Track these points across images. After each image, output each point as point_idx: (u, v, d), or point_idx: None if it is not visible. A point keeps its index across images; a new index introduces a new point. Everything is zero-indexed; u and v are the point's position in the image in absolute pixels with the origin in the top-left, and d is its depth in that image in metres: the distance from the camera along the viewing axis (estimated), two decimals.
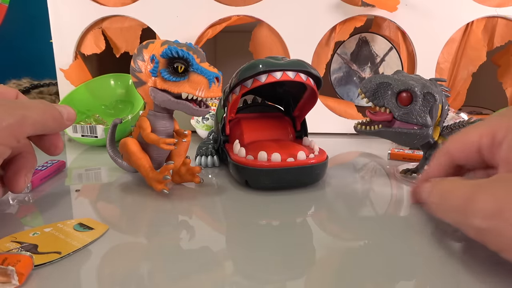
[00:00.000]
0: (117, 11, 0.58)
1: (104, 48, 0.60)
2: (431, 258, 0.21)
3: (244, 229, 0.25)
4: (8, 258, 0.19)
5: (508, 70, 0.59)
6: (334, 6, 0.55)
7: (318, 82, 0.35)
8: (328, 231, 0.25)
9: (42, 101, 0.25)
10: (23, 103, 0.24)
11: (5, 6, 0.79)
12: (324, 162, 0.33)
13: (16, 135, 0.22)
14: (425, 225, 0.26)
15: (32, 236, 0.23)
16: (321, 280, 0.19)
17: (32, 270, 0.19)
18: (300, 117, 0.39)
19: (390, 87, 0.31)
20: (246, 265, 0.20)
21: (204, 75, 0.29)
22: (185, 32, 0.57)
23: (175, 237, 0.24)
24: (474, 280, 0.19)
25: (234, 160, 0.33)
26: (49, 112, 0.24)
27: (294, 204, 0.30)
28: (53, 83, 0.68)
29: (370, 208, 0.29)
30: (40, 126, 0.24)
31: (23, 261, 0.19)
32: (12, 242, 0.22)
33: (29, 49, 0.91)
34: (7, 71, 0.72)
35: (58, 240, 0.22)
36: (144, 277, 0.19)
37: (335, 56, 0.65)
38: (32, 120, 0.23)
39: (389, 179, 0.36)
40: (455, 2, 0.54)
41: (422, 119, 0.31)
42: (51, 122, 0.25)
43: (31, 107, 0.23)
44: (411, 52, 0.58)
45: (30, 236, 0.23)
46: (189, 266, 0.20)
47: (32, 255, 0.19)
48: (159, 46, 0.29)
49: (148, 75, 0.30)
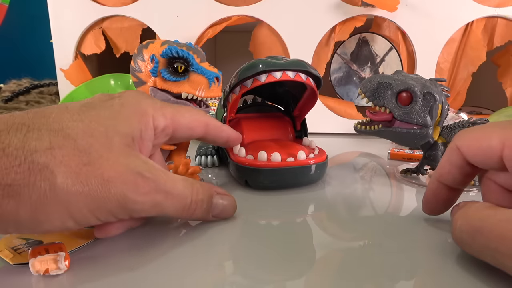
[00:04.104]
0: (117, 11, 0.58)
1: (104, 48, 0.60)
2: (431, 258, 0.21)
3: (244, 229, 0.25)
4: (49, 248, 0.19)
5: (508, 70, 0.59)
6: (334, 6, 0.55)
7: (318, 82, 0.35)
8: (328, 231, 0.25)
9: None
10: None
11: (5, 6, 0.79)
12: (324, 162, 0.33)
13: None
14: (425, 225, 0.26)
15: None
16: (321, 280, 0.19)
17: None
18: (300, 117, 0.39)
19: (390, 87, 0.31)
20: (246, 265, 0.20)
21: (204, 75, 0.29)
22: (185, 32, 0.57)
23: (174, 237, 0.24)
24: (474, 280, 0.19)
25: (234, 160, 0.32)
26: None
27: (294, 204, 0.30)
28: (53, 83, 0.68)
29: (370, 208, 0.29)
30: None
31: (63, 248, 0.20)
32: (18, 239, 0.22)
33: (29, 49, 0.91)
34: (7, 71, 0.72)
35: (63, 237, 0.22)
36: (144, 277, 0.19)
37: (335, 56, 0.65)
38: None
39: (389, 179, 0.36)
40: (455, 2, 0.54)
41: (422, 119, 0.31)
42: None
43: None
44: (411, 52, 0.58)
45: None
46: (189, 266, 0.20)
47: (62, 242, 0.20)
48: (159, 46, 0.29)
49: (148, 75, 0.30)
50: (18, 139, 0.17)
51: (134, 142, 0.21)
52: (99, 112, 0.20)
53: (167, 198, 0.21)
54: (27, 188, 0.17)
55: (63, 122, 0.19)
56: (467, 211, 0.20)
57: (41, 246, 0.20)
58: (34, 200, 0.17)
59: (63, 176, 0.17)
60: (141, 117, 0.21)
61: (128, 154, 0.20)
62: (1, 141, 0.17)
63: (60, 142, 0.18)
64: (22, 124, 0.18)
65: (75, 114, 0.19)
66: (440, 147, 0.33)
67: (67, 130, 0.18)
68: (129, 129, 0.20)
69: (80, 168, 0.18)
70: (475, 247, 0.19)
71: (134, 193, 0.19)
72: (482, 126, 0.22)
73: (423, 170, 0.36)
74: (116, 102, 0.21)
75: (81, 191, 0.18)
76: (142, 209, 0.20)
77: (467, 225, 0.19)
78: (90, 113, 0.20)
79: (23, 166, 0.17)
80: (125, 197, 0.19)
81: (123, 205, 0.19)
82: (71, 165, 0.18)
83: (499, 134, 0.20)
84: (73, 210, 0.18)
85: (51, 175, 0.17)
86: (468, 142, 0.21)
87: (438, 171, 0.24)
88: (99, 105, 0.21)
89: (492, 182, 0.22)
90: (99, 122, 0.20)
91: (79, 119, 0.19)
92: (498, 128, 0.20)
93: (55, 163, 0.17)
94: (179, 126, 0.24)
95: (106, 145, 0.19)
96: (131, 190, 0.19)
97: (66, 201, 0.17)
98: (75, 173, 0.18)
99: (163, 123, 0.23)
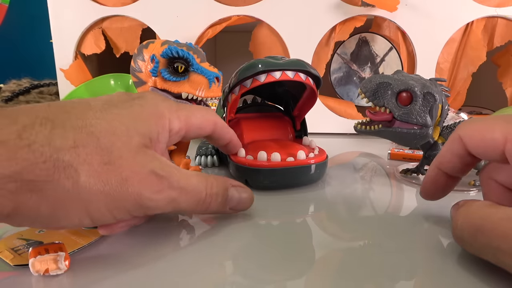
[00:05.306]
0: (117, 11, 0.58)
1: (104, 48, 0.60)
2: (431, 258, 0.21)
3: (244, 229, 0.25)
4: (49, 248, 0.19)
5: (508, 70, 0.59)
6: (334, 6, 0.55)
7: (317, 82, 0.35)
8: (328, 231, 0.25)
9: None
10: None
11: (5, 6, 0.79)
12: (324, 162, 0.33)
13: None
14: (425, 225, 0.26)
15: (38, 233, 0.23)
16: (321, 280, 0.19)
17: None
18: (299, 116, 0.39)
19: (390, 87, 0.31)
20: (246, 265, 0.20)
21: (204, 75, 0.29)
22: (185, 32, 0.57)
23: (175, 237, 0.24)
24: (474, 280, 0.19)
25: (234, 160, 0.32)
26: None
27: (294, 204, 0.30)
28: (53, 83, 0.68)
29: (370, 208, 0.29)
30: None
31: (63, 248, 0.20)
32: (18, 239, 0.22)
33: (29, 49, 0.91)
34: (7, 71, 0.72)
35: (63, 238, 0.22)
36: (144, 276, 0.19)
37: (335, 56, 0.65)
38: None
39: (389, 179, 0.36)
40: (455, 2, 0.54)
41: (422, 119, 0.31)
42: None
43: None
44: (411, 52, 0.58)
45: (36, 233, 0.23)
46: (189, 266, 0.20)
47: (62, 242, 0.20)
48: (159, 46, 0.29)
49: (148, 75, 0.30)
50: (44, 136, 0.17)
51: (152, 143, 0.21)
52: (121, 111, 0.21)
53: (182, 193, 0.21)
54: (51, 184, 0.17)
55: (86, 119, 0.19)
56: (467, 209, 0.20)
57: (41, 246, 0.20)
58: (57, 196, 0.17)
59: (86, 174, 0.18)
60: (159, 119, 0.22)
61: (145, 154, 0.20)
62: (26, 136, 0.17)
63: (84, 140, 0.18)
64: (46, 119, 0.18)
65: (97, 112, 0.20)
66: (440, 147, 0.33)
67: (91, 127, 0.19)
68: (148, 130, 0.21)
69: (101, 167, 0.18)
70: (476, 246, 0.19)
71: (149, 191, 0.20)
72: (485, 118, 0.22)
73: (423, 170, 0.35)
74: (136, 103, 0.22)
75: (102, 190, 0.18)
76: (157, 206, 0.20)
77: (468, 224, 0.20)
78: (112, 111, 0.20)
79: (48, 163, 0.17)
80: (141, 196, 0.19)
81: (140, 203, 0.20)
82: (93, 164, 0.18)
83: (502, 127, 0.20)
84: (92, 208, 0.18)
85: (75, 173, 0.17)
86: (471, 133, 0.22)
87: (439, 159, 0.24)
88: (120, 105, 0.21)
89: (493, 181, 0.22)
90: (121, 121, 0.20)
91: (102, 117, 0.20)
92: (501, 121, 0.20)
93: (79, 161, 0.18)
94: (191, 127, 0.24)
95: (126, 143, 0.19)
96: (147, 189, 0.20)
97: (86, 199, 0.18)
98: (97, 172, 0.18)
99: (178, 126, 0.23)
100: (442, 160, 0.24)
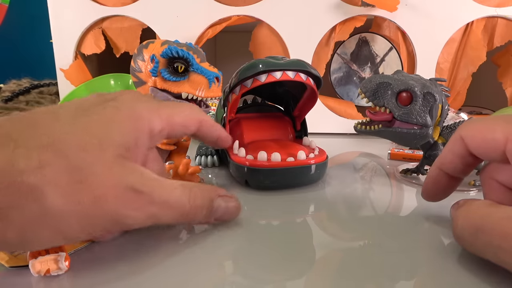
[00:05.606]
0: (117, 11, 0.58)
1: (104, 48, 0.60)
2: (431, 258, 0.21)
3: (244, 229, 0.25)
4: (49, 248, 0.19)
5: (508, 70, 0.59)
6: (334, 6, 0.55)
7: (318, 82, 0.35)
8: (328, 231, 0.25)
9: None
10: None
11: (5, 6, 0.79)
12: (324, 162, 0.33)
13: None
14: (425, 224, 0.26)
15: None
16: (321, 280, 0.19)
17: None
18: (300, 117, 0.39)
19: (390, 87, 0.31)
20: (246, 265, 0.20)
21: (204, 75, 0.29)
22: (185, 32, 0.57)
23: (174, 237, 0.24)
24: (475, 280, 0.19)
25: (234, 160, 0.32)
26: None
27: (294, 204, 0.30)
28: (53, 83, 0.68)
29: (370, 208, 0.29)
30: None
31: (63, 248, 0.19)
32: None
33: (29, 49, 0.91)
34: (7, 71, 0.72)
35: None
36: (144, 276, 0.19)
37: (335, 56, 0.65)
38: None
39: (389, 179, 0.36)
40: (455, 2, 0.54)
41: (422, 119, 0.31)
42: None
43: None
44: (411, 52, 0.58)
45: None
46: (189, 266, 0.20)
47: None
48: (159, 46, 0.29)
49: (148, 75, 0.30)
50: (5, 157, 0.16)
51: (129, 152, 0.20)
52: (92, 118, 0.19)
53: (163, 208, 0.20)
54: (15, 210, 0.16)
55: (54, 135, 0.17)
56: (468, 209, 0.20)
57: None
58: (24, 221, 0.16)
59: (53, 196, 0.16)
60: (136, 122, 0.20)
61: (122, 167, 0.19)
62: None
63: (50, 159, 0.17)
64: (8, 138, 0.17)
65: (65, 124, 0.18)
66: (440, 147, 0.33)
67: (58, 144, 0.17)
68: (124, 139, 0.20)
69: (71, 186, 0.17)
70: (476, 245, 0.19)
71: (127, 209, 0.18)
72: (486, 118, 0.22)
73: (423, 170, 0.35)
74: (110, 105, 0.20)
75: (73, 209, 0.17)
76: (135, 223, 0.19)
77: (469, 223, 0.20)
78: (82, 120, 0.19)
79: (11, 188, 0.16)
80: (118, 213, 0.18)
81: (116, 220, 0.18)
82: (61, 184, 0.17)
83: (502, 127, 0.20)
84: (64, 228, 0.17)
85: (41, 195, 0.16)
86: (472, 133, 0.21)
87: (440, 159, 0.24)
88: (92, 109, 0.20)
89: (494, 181, 0.22)
90: (92, 132, 0.18)
91: (70, 131, 0.18)
92: (502, 121, 0.20)
93: (44, 182, 0.16)
94: (174, 125, 0.23)
95: (99, 158, 0.18)
96: (124, 206, 0.18)
97: (57, 220, 0.17)
98: (66, 192, 0.17)
99: (159, 125, 0.22)
100: (444, 160, 0.24)
